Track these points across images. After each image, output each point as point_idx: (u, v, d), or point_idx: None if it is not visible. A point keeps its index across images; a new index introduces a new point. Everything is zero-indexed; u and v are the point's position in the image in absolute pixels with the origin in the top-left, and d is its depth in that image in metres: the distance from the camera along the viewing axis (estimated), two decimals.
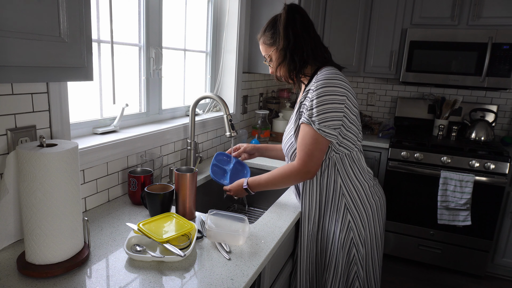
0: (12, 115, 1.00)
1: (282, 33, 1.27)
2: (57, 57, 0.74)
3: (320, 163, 1.26)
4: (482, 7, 2.59)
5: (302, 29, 1.28)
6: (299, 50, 1.28)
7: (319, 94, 1.21)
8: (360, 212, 1.32)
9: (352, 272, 1.33)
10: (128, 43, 1.55)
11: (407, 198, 2.72)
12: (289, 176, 1.29)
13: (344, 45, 2.93)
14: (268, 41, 1.35)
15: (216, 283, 0.89)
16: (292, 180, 1.30)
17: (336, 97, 1.21)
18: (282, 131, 2.51)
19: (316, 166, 1.25)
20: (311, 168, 1.24)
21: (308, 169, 1.25)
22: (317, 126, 1.21)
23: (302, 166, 1.25)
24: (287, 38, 1.27)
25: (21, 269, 0.87)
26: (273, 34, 1.32)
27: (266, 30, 1.36)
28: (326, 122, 1.21)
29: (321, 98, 1.20)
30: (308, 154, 1.23)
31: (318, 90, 1.21)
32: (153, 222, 1.09)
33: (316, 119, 1.21)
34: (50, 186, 0.85)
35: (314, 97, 1.21)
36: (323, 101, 1.20)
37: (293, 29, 1.27)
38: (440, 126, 2.89)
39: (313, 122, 1.21)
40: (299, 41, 1.27)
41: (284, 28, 1.27)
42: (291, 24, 1.27)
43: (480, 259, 2.61)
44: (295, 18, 1.27)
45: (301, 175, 1.27)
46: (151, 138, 1.52)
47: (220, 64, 2.22)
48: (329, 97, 1.20)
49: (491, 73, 2.58)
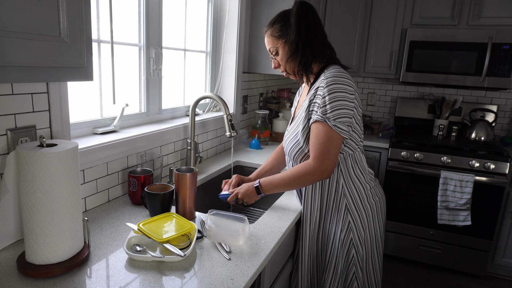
0: (12, 115, 1.00)
1: (295, 25, 1.25)
2: (57, 57, 0.74)
3: (336, 160, 1.23)
4: (482, 7, 2.59)
5: (313, 24, 1.27)
6: (310, 44, 1.27)
7: (331, 90, 1.19)
8: (360, 213, 1.31)
9: (350, 272, 1.33)
10: (128, 43, 1.55)
11: (407, 198, 2.72)
12: (304, 176, 1.24)
13: (344, 45, 2.93)
14: (276, 33, 1.32)
15: (216, 283, 0.89)
16: (308, 180, 1.26)
17: (347, 95, 1.20)
18: (282, 131, 2.51)
19: (332, 164, 1.22)
20: (327, 166, 1.21)
21: (325, 168, 1.21)
22: (332, 122, 1.19)
23: (318, 164, 1.21)
24: (300, 31, 1.25)
25: (21, 269, 0.87)
26: (282, 26, 1.30)
27: (275, 23, 1.33)
28: (340, 118, 1.19)
29: (334, 94, 1.19)
30: (324, 152, 1.21)
31: (329, 86, 1.20)
32: (153, 222, 1.09)
33: (331, 116, 1.19)
34: (50, 186, 0.85)
35: (326, 94, 1.20)
36: (336, 98, 1.19)
37: (305, 22, 1.25)
38: (440, 126, 2.89)
39: (328, 119, 1.19)
40: (310, 36, 1.26)
41: (297, 21, 1.25)
42: (303, 17, 1.25)
43: (480, 259, 2.61)
44: (307, 13, 1.26)
45: (317, 175, 1.23)
46: (151, 138, 1.52)
47: (220, 64, 2.22)
48: (341, 93, 1.19)
49: (491, 73, 2.58)
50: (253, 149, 2.25)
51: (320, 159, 1.21)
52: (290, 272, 1.45)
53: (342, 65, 1.32)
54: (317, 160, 1.22)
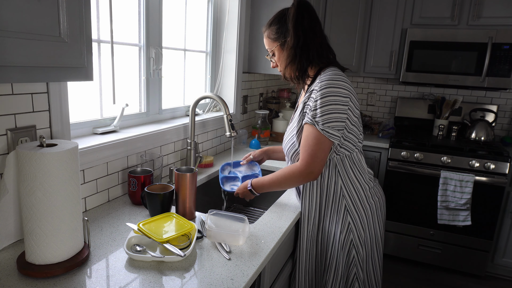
0: (12, 115, 1.00)
1: (292, 30, 1.24)
2: (57, 57, 0.74)
3: (323, 164, 1.25)
4: (482, 7, 2.59)
5: (310, 28, 1.25)
6: (306, 49, 1.26)
7: (323, 94, 1.20)
8: (360, 213, 1.31)
9: (351, 273, 1.33)
10: (128, 43, 1.55)
11: (407, 198, 2.72)
12: (292, 177, 1.28)
13: (344, 45, 2.93)
14: (272, 36, 1.32)
15: (216, 283, 0.89)
16: (295, 181, 1.29)
17: (340, 98, 1.20)
18: (282, 131, 2.51)
19: (319, 167, 1.24)
20: (314, 169, 1.23)
21: (311, 170, 1.23)
22: (321, 126, 1.20)
23: (305, 167, 1.24)
24: (297, 37, 1.24)
25: (21, 269, 0.87)
26: (278, 29, 1.29)
27: (272, 24, 1.32)
28: (330, 122, 1.20)
29: (325, 99, 1.19)
30: (311, 155, 1.22)
31: (322, 90, 1.20)
32: (153, 222, 1.09)
33: (320, 120, 1.20)
34: (50, 186, 0.85)
35: (318, 98, 1.20)
36: (327, 102, 1.19)
37: (302, 27, 1.24)
38: (440, 126, 2.89)
39: (316, 123, 1.20)
40: (308, 40, 1.25)
41: (294, 25, 1.24)
42: (300, 21, 1.24)
43: (480, 259, 2.61)
44: (304, 16, 1.24)
45: (304, 176, 1.25)
46: (151, 138, 1.52)
47: (220, 64, 2.22)
48: (333, 97, 1.19)
49: (491, 73, 2.58)
50: (253, 149, 2.24)
51: (307, 161, 1.23)
52: (290, 272, 1.45)
53: (340, 66, 1.32)
54: (304, 162, 1.24)
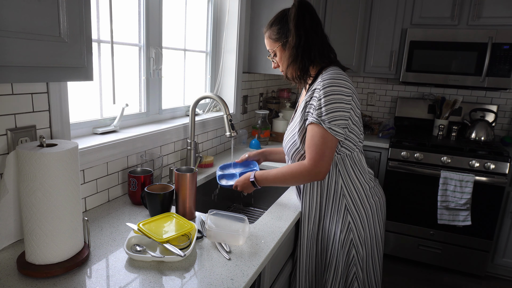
0: (12, 115, 1.00)
1: (294, 31, 1.24)
2: (57, 57, 0.74)
3: (330, 163, 1.24)
4: (482, 7, 2.59)
5: (311, 27, 1.25)
6: (308, 49, 1.26)
7: (327, 92, 1.19)
8: (360, 213, 1.31)
9: (351, 273, 1.33)
10: (128, 43, 1.55)
11: (407, 198, 2.72)
12: (298, 175, 1.26)
13: (344, 45, 2.93)
14: (274, 36, 1.31)
15: (216, 283, 0.89)
16: (301, 179, 1.27)
17: (343, 97, 1.20)
18: (282, 131, 2.51)
19: (327, 166, 1.23)
20: (322, 168, 1.22)
21: (319, 170, 1.22)
22: (327, 125, 1.19)
23: (313, 166, 1.22)
24: (299, 37, 1.24)
25: (21, 269, 0.87)
26: (279, 29, 1.29)
27: (273, 24, 1.32)
28: (335, 120, 1.19)
29: (329, 97, 1.19)
30: (319, 153, 1.21)
31: (325, 88, 1.20)
32: (153, 222, 1.09)
33: (326, 118, 1.19)
34: (50, 186, 0.85)
35: (321, 96, 1.20)
36: (331, 100, 1.19)
37: (304, 26, 1.24)
38: (440, 126, 2.89)
39: (323, 121, 1.19)
40: (309, 40, 1.25)
41: (296, 25, 1.24)
42: (301, 21, 1.24)
43: (480, 259, 2.61)
44: (305, 16, 1.24)
45: (311, 176, 1.24)
46: (151, 138, 1.52)
47: (220, 64, 2.22)
48: (336, 96, 1.19)
49: (491, 73, 2.58)
50: (253, 149, 2.24)
51: (315, 160, 1.22)
52: (290, 272, 1.45)
53: (341, 66, 1.32)
54: (312, 162, 1.23)
